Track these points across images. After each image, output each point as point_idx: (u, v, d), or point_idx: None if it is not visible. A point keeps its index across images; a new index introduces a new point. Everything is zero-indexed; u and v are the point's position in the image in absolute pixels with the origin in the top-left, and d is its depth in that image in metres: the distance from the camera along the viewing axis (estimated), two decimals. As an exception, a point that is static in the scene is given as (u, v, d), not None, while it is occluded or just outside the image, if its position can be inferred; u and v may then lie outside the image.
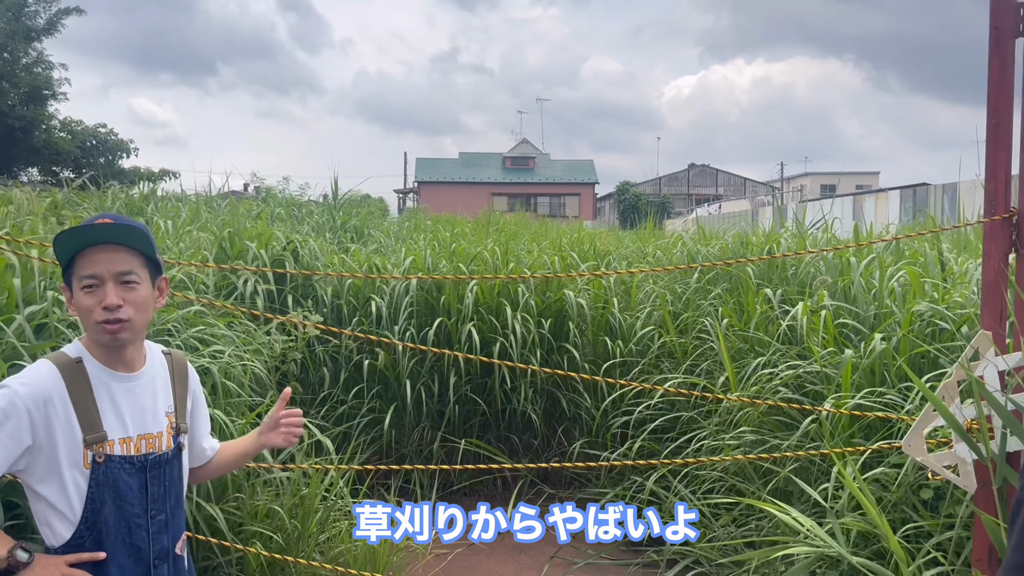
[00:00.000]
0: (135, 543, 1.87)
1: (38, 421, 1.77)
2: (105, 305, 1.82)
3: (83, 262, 1.85)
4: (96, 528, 1.83)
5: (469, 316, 5.56)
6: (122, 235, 1.87)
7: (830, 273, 4.57)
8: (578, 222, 20.13)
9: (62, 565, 1.80)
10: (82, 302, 1.84)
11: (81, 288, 1.84)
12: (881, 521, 2.73)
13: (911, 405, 3.29)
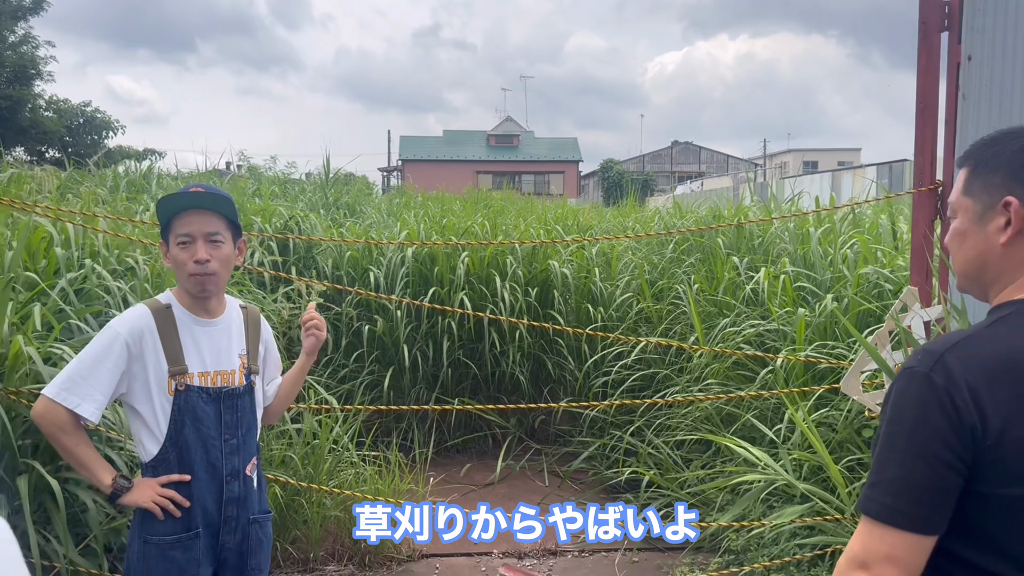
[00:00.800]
0: (211, 461, 2.26)
1: (134, 352, 2.17)
2: (196, 259, 2.20)
3: (179, 223, 2.23)
4: (178, 446, 2.22)
5: (461, 285, 5.97)
6: (212, 202, 2.26)
7: (792, 243, 5.00)
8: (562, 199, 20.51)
9: (155, 485, 2.20)
10: (177, 256, 2.23)
11: (177, 244, 2.23)
12: (823, 451, 3.18)
13: (855, 356, 3.74)
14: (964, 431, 1.20)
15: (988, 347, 1.24)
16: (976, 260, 1.38)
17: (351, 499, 4.46)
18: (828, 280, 4.58)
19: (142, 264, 4.19)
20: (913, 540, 1.21)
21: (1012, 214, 1.30)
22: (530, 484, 5.67)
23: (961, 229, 1.40)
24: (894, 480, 1.23)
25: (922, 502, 1.21)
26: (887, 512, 1.22)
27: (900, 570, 1.21)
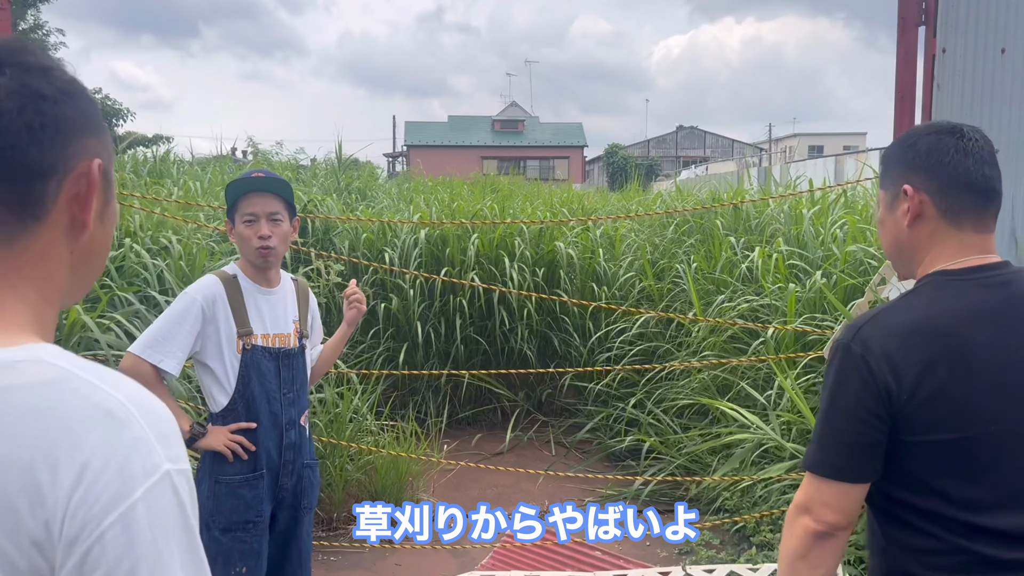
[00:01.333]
0: (272, 412, 2.57)
1: (208, 315, 2.47)
2: (260, 235, 2.51)
3: (245, 203, 2.53)
4: (245, 397, 2.53)
5: (471, 266, 6.26)
6: (274, 185, 2.57)
7: (786, 223, 5.28)
8: (568, 184, 20.72)
9: (226, 431, 2.51)
10: (243, 232, 2.53)
11: (243, 222, 2.53)
12: (807, 412, 3.47)
13: (839, 327, 4.03)
14: (880, 392, 1.36)
15: (901, 316, 1.42)
16: (894, 244, 1.56)
17: (371, 464, 4.77)
18: (819, 258, 4.85)
19: (175, 243, 4.49)
20: (842, 488, 1.40)
21: (909, 199, 1.48)
22: (537, 454, 5.99)
23: (880, 218, 1.61)
24: (822, 436, 1.42)
25: (844, 455, 1.39)
26: (818, 465, 1.42)
27: (836, 513, 1.39)
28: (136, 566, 0.70)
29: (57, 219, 0.83)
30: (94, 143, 0.85)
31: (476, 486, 5.40)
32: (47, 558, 0.70)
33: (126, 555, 0.70)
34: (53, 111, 0.81)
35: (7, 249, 0.81)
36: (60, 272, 0.85)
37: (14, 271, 0.81)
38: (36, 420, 0.72)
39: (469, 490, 5.34)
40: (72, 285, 0.89)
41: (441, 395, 6.21)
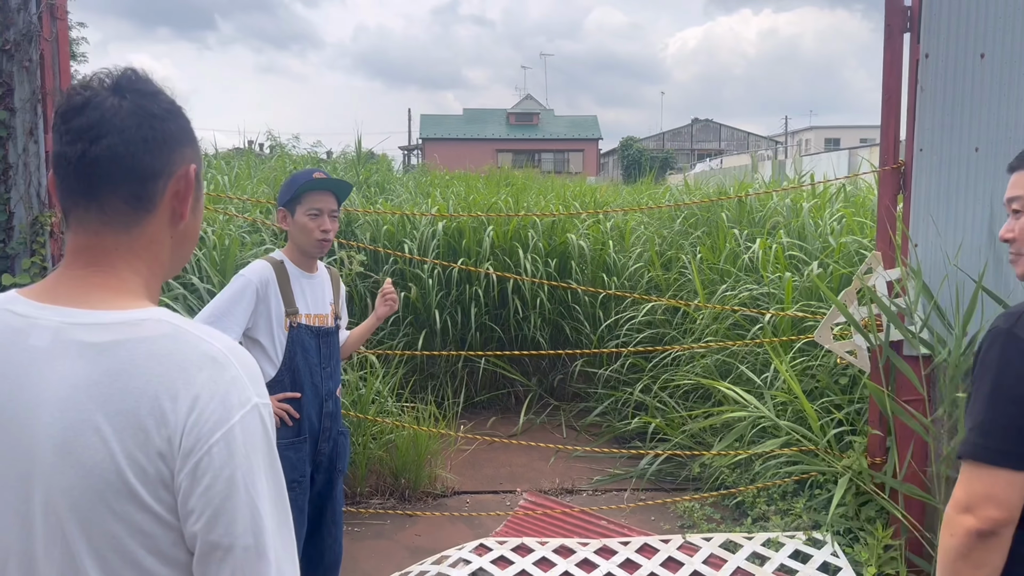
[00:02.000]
0: (314, 383, 2.87)
1: (261, 295, 2.77)
2: (323, 229, 2.81)
3: (310, 198, 2.81)
4: (291, 369, 2.83)
5: (487, 256, 6.55)
6: (336, 186, 2.89)
7: (787, 215, 5.53)
8: (581, 177, 20.93)
9: (274, 399, 2.81)
10: (307, 224, 2.81)
11: (307, 214, 2.81)
12: (799, 390, 3.74)
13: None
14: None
15: None
16: None
17: (392, 442, 5.08)
18: (816, 249, 5.11)
19: (210, 234, 4.80)
20: (1008, 476, 1.31)
21: None
22: (549, 436, 6.28)
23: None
24: (984, 422, 1.34)
25: (1012, 439, 1.31)
26: (981, 451, 1.34)
27: (1000, 508, 1.31)
28: (234, 473, 0.96)
29: (163, 211, 1.08)
30: (190, 151, 1.11)
31: (491, 465, 5.70)
32: (168, 466, 0.95)
33: (227, 464, 0.96)
34: (161, 127, 1.06)
35: (125, 234, 1.06)
36: (164, 252, 1.12)
37: (131, 251, 1.07)
38: (160, 364, 0.97)
39: (484, 468, 5.64)
40: (171, 263, 1.15)
41: (458, 380, 6.51)
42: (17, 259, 3.38)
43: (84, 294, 1.04)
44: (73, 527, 0.97)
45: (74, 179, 1.04)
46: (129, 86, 1.06)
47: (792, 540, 3.85)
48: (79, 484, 0.96)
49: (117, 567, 0.97)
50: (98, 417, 0.96)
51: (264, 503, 0.99)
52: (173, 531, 0.97)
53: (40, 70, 3.40)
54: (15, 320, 1.03)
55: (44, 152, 3.40)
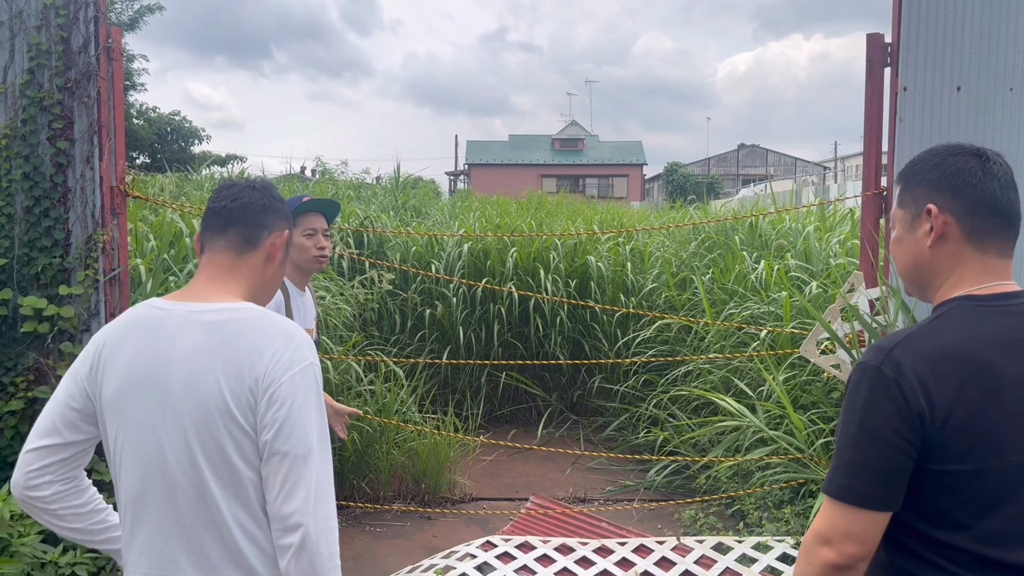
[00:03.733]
0: None
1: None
2: (320, 247, 3.15)
3: (303, 220, 3.14)
4: None
5: (509, 277, 6.88)
6: (329, 207, 3.23)
7: (794, 240, 5.76)
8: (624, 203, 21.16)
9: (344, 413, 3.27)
10: (304, 243, 3.13)
11: (302, 235, 3.13)
12: (786, 401, 3.97)
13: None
14: (912, 417, 1.31)
15: (932, 340, 1.36)
16: (911, 264, 1.52)
17: (414, 450, 5.41)
18: (819, 270, 5.32)
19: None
20: (868, 516, 1.33)
21: (933, 219, 1.44)
22: (567, 448, 6.54)
23: (898, 237, 1.55)
24: (850, 463, 1.34)
25: (873, 482, 1.32)
26: (844, 491, 1.34)
27: (858, 544, 1.33)
28: (294, 403, 1.50)
29: (262, 251, 1.72)
30: (286, 224, 1.78)
31: (509, 474, 5.99)
32: (255, 396, 1.51)
33: (289, 396, 1.51)
34: (272, 204, 1.75)
35: (240, 260, 1.69)
36: (257, 279, 1.73)
37: (238, 271, 1.69)
38: (252, 333, 1.55)
39: (502, 477, 5.93)
40: (262, 291, 1.76)
41: (480, 394, 6.82)
42: (73, 272, 3.81)
43: (203, 295, 1.63)
44: (193, 436, 1.52)
45: (215, 220, 1.69)
46: (259, 185, 1.78)
47: (781, 544, 4.06)
48: (199, 408, 1.51)
49: (218, 463, 1.52)
50: (214, 366, 1.51)
51: (311, 429, 1.52)
52: (253, 442, 1.52)
53: (97, 105, 3.84)
54: (157, 312, 1.62)
55: (99, 178, 3.83)
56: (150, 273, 4.24)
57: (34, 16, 3.81)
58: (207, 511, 1.53)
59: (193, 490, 1.53)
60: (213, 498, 1.52)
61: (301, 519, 1.48)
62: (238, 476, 1.52)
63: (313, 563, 1.49)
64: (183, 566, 1.55)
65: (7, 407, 3.70)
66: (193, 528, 1.54)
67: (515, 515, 5.19)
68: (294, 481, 1.49)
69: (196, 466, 1.52)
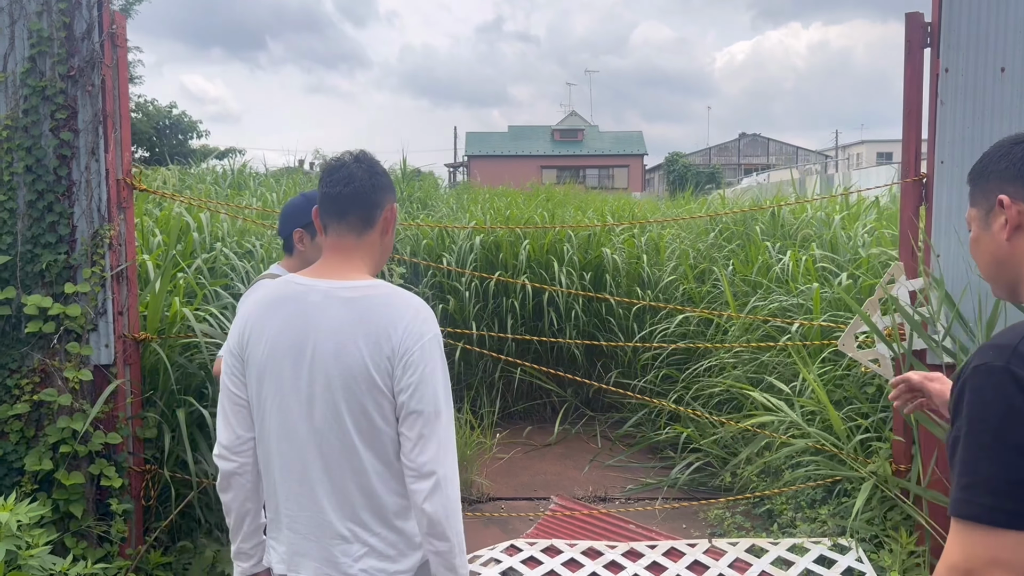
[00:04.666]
0: None
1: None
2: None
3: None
4: None
5: (523, 270, 6.71)
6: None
7: (819, 228, 5.59)
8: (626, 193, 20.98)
9: None
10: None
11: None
12: (824, 398, 3.81)
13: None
14: None
15: None
16: (992, 262, 1.44)
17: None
18: (847, 261, 5.16)
19: (258, 247, 5.05)
20: (1018, 538, 1.15)
21: (1006, 210, 1.38)
22: (584, 445, 6.39)
23: (975, 237, 1.48)
24: (990, 479, 1.17)
25: (1018, 496, 1.15)
26: (988, 512, 1.16)
27: (1009, 573, 1.14)
28: (425, 367, 1.72)
29: (378, 228, 1.88)
30: (392, 196, 1.92)
31: (526, 473, 5.84)
32: (391, 363, 1.72)
33: (421, 361, 1.72)
34: (380, 181, 1.87)
35: (358, 239, 1.85)
36: (376, 253, 1.90)
37: (361, 249, 1.85)
38: (387, 307, 1.74)
39: (519, 476, 5.78)
40: (380, 260, 1.93)
41: (495, 390, 6.66)
42: (79, 269, 3.64)
43: (339, 272, 1.81)
44: (340, 397, 1.73)
45: (333, 206, 1.84)
46: (362, 158, 1.89)
47: (817, 545, 3.91)
48: (345, 374, 1.72)
49: (360, 420, 1.73)
50: (356, 338, 1.71)
51: (440, 391, 1.74)
52: (391, 403, 1.73)
53: (102, 94, 3.67)
54: (298, 287, 1.81)
55: (105, 170, 3.66)
56: (158, 270, 4.08)
57: (35, 1, 3.63)
58: (349, 460, 1.76)
59: (338, 442, 1.76)
60: (355, 449, 1.75)
61: (435, 467, 1.71)
62: (377, 431, 1.75)
63: (446, 503, 1.73)
64: (325, 507, 1.78)
65: (12, 411, 3.53)
66: (336, 474, 1.77)
67: (535, 516, 5.05)
68: (427, 435, 1.72)
69: (341, 422, 1.74)
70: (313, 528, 1.80)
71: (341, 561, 1.78)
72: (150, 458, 3.87)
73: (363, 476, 1.77)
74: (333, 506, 1.78)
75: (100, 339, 3.69)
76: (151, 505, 3.89)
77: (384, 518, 1.79)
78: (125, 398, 3.75)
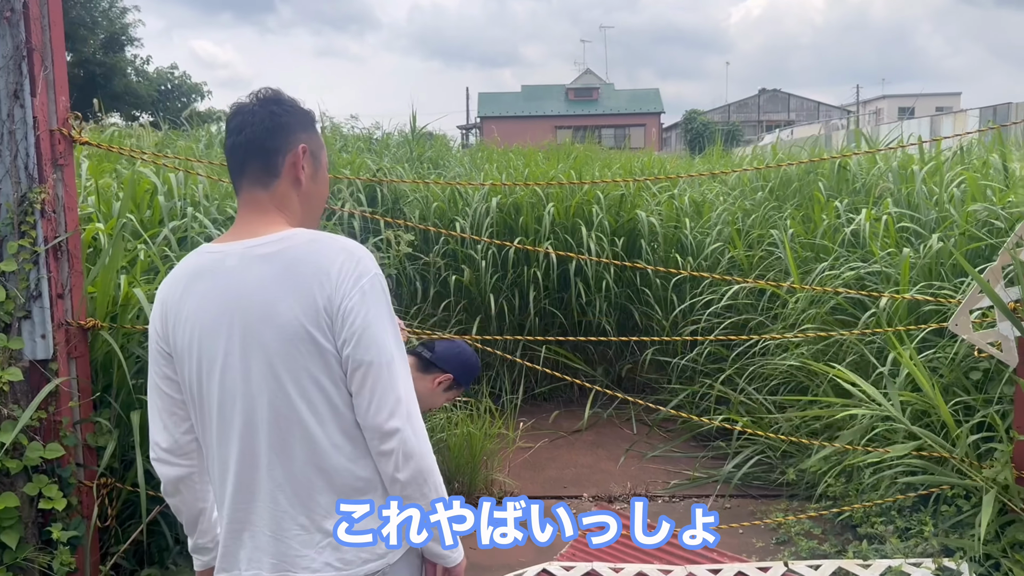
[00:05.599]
0: None
1: None
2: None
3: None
4: None
5: (546, 235, 5.94)
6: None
7: (895, 182, 4.78)
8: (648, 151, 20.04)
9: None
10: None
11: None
12: (930, 390, 3.06)
13: (963, 295, 3.57)
14: None
15: None
16: None
17: (444, 442, 4.55)
18: (932, 220, 4.36)
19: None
20: None
21: None
22: (618, 432, 5.68)
23: None
24: None
25: None
26: None
27: None
28: (368, 313, 1.53)
29: (286, 177, 1.65)
30: (304, 136, 1.66)
31: (553, 465, 5.14)
32: (329, 315, 1.53)
33: (362, 306, 1.53)
34: (278, 120, 1.64)
35: (266, 192, 1.63)
36: (294, 206, 1.66)
37: (273, 201, 1.63)
38: (313, 255, 1.54)
39: (546, 470, 5.08)
40: (304, 213, 1.68)
41: (516, 371, 5.95)
42: (3, 243, 2.93)
43: (252, 230, 1.61)
44: (280, 366, 1.54)
45: (232, 160, 1.67)
46: (260, 99, 1.67)
47: (919, 569, 3.19)
48: (280, 339, 1.53)
49: (308, 388, 1.55)
50: (283, 294, 1.53)
51: (388, 337, 1.56)
52: (334, 357, 1.55)
53: (25, 22, 2.91)
54: (212, 256, 1.62)
55: (33, 118, 2.92)
56: (112, 241, 3.35)
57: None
58: (302, 438, 1.56)
59: (286, 419, 1.56)
60: (306, 424, 1.55)
61: (397, 423, 1.53)
62: (329, 399, 1.55)
63: (419, 464, 1.55)
64: (278, 496, 1.58)
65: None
66: (288, 456, 1.56)
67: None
68: (383, 389, 1.53)
69: (286, 395, 1.54)
70: (268, 520, 1.59)
71: (301, 555, 1.58)
72: (106, 470, 3.18)
73: (320, 454, 1.57)
74: (288, 493, 1.58)
75: (34, 329, 2.98)
76: (109, 526, 3.22)
77: (350, 499, 1.59)
78: (69, 400, 3.06)
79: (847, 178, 5.37)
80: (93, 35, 22.28)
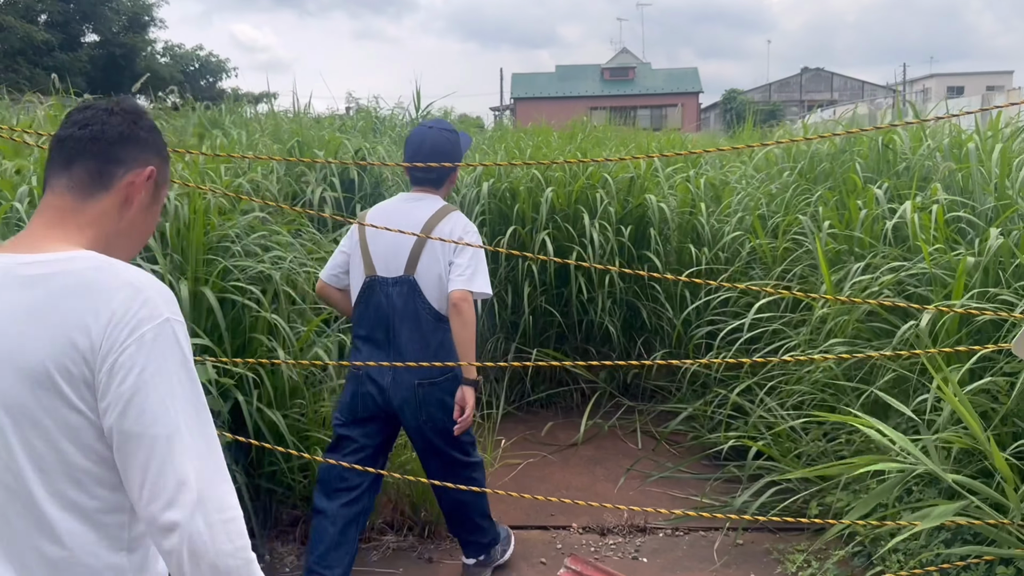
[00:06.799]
0: None
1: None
2: None
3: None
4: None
5: (544, 224, 5.29)
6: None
7: (948, 162, 4.03)
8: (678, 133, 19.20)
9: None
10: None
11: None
12: (983, 436, 2.38)
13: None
14: None
15: None
16: None
17: (409, 463, 3.97)
18: (990, 210, 3.63)
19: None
20: None
21: None
22: (620, 446, 5.03)
23: None
24: None
25: None
26: None
27: None
28: (144, 370, 1.19)
29: (117, 194, 1.38)
30: (156, 160, 1.45)
31: (543, 486, 4.51)
32: (90, 368, 1.19)
33: (137, 363, 1.19)
34: (136, 132, 1.41)
35: (83, 203, 1.35)
36: (107, 231, 1.37)
37: (82, 216, 1.34)
38: (86, 288, 1.22)
39: (534, 490, 4.42)
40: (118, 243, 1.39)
41: (508, 374, 5.33)
42: None
43: (34, 244, 1.30)
44: (9, 427, 1.19)
45: (59, 152, 1.37)
46: (121, 106, 1.44)
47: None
48: (15, 384, 1.19)
49: (44, 454, 1.20)
50: (36, 330, 1.19)
51: (177, 402, 1.20)
52: (94, 427, 1.20)
53: None
54: None
55: None
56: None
57: None
58: (32, 523, 1.21)
59: (9, 491, 1.20)
60: (36, 504, 1.20)
61: (176, 515, 1.16)
62: (71, 472, 1.21)
63: (215, 566, 1.17)
64: None
65: None
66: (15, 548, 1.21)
67: (547, 560, 3.76)
68: (157, 469, 1.17)
69: (14, 463, 1.20)
70: None
71: None
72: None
73: (55, 543, 1.20)
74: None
75: None
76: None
77: None
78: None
79: (889, 158, 4.61)
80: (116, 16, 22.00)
